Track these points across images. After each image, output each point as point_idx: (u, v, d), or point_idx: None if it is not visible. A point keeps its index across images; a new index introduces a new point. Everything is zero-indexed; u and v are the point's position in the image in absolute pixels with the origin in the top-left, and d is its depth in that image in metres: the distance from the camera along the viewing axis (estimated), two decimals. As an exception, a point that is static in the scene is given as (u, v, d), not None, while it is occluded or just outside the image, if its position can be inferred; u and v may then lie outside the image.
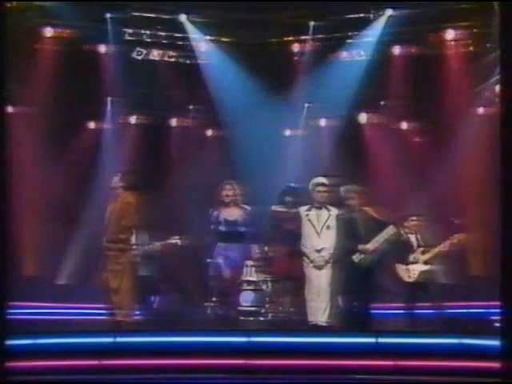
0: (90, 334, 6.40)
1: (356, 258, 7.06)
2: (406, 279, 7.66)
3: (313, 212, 7.15)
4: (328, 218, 7.13)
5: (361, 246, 7.04)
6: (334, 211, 7.19)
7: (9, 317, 5.20)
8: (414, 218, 7.81)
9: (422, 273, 7.62)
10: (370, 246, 7.04)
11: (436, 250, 7.67)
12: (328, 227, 7.12)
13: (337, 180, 7.44)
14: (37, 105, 9.60)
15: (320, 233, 7.12)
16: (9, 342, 5.21)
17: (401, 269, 7.68)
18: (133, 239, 7.37)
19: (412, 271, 7.62)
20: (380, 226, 7.18)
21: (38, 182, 9.53)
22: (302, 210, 7.22)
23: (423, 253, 7.69)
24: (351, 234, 7.11)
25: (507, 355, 5.06)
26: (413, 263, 7.62)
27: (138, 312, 7.33)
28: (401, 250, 7.69)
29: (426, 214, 7.98)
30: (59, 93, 9.63)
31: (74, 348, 6.02)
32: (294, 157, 10.48)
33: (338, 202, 7.26)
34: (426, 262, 7.66)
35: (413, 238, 7.78)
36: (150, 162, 9.82)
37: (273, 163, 10.09)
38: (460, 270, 9.07)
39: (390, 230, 7.11)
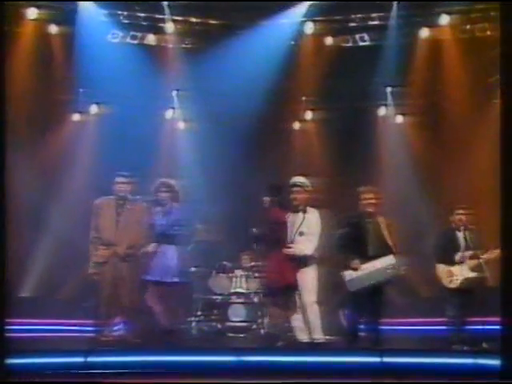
0: (60, 354, 6.38)
1: (348, 275, 6.96)
2: (447, 284, 7.44)
3: (289, 217, 7.05)
4: (302, 223, 7.00)
5: (355, 262, 6.92)
6: (312, 214, 7.03)
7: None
8: (461, 211, 7.56)
9: (467, 280, 7.39)
10: (364, 267, 6.90)
11: (488, 255, 7.33)
12: (301, 233, 6.99)
13: (318, 180, 7.37)
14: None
15: (293, 240, 7.02)
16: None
17: (442, 270, 7.49)
18: None
19: (455, 276, 7.40)
20: (383, 248, 6.97)
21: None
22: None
23: (471, 258, 7.42)
24: (348, 243, 7.00)
25: (507, 375, 5.11)
26: (459, 264, 7.38)
27: (117, 328, 7.35)
28: (445, 249, 7.51)
29: (473, 208, 7.76)
30: (28, 79, 9.58)
31: (44, 367, 6.00)
32: (289, 153, 10.51)
33: (320, 205, 7.17)
34: (473, 269, 7.38)
35: (460, 235, 7.55)
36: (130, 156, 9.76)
37: (266, 159, 10.11)
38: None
39: (388, 260, 6.90)
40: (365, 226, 7.05)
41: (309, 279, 7.02)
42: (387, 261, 6.95)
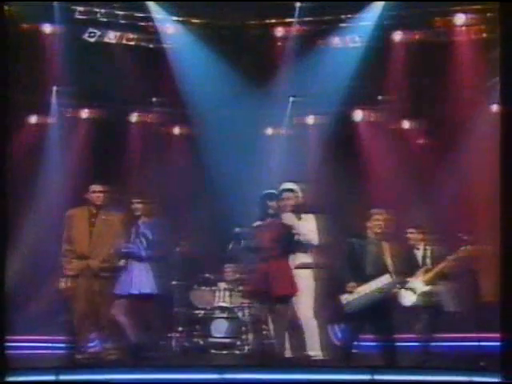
0: (30, 372, 6.38)
1: (344, 299, 6.98)
2: (404, 303, 7.64)
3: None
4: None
5: (351, 285, 6.90)
6: (307, 220, 7.10)
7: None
8: (413, 230, 7.87)
9: (422, 295, 7.62)
10: (360, 289, 6.89)
11: (439, 266, 7.63)
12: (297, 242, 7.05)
13: (307, 185, 7.47)
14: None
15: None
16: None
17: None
18: None
19: (411, 293, 7.62)
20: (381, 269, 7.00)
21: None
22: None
23: (426, 271, 7.71)
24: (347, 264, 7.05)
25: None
26: (413, 285, 7.60)
27: (92, 345, 7.37)
28: (404, 268, 7.54)
29: (428, 225, 8.03)
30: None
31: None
32: (276, 159, 10.56)
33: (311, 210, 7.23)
34: (427, 282, 7.64)
35: (419, 254, 7.81)
36: (105, 164, 9.79)
37: (251, 166, 10.16)
38: (471, 294, 8.99)
39: (384, 279, 6.93)
40: (365, 247, 7.03)
41: (305, 289, 7.04)
42: (383, 280, 6.97)
